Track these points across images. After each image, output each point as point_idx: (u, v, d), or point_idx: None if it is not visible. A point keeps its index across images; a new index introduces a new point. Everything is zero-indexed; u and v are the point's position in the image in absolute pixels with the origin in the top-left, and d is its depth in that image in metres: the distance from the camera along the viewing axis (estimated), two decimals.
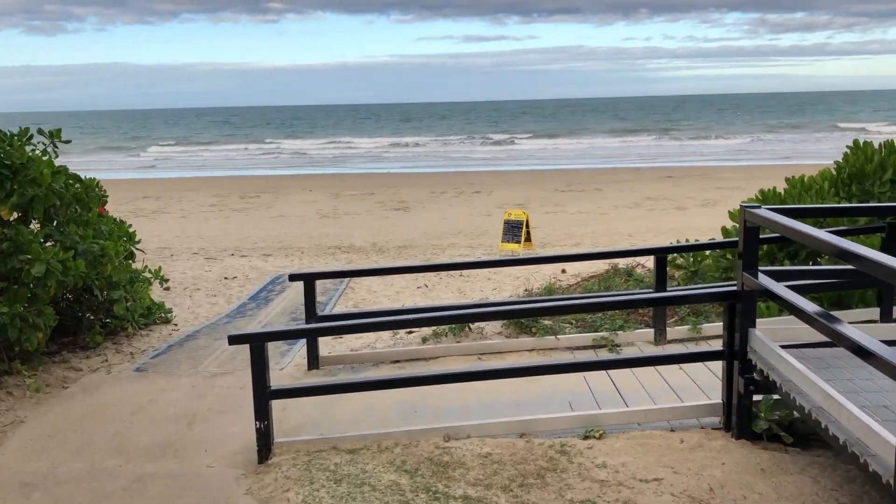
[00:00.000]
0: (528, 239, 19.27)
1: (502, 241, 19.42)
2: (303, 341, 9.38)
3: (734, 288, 5.48)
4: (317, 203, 32.47)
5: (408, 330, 9.52)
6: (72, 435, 6.64)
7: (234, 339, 5.63)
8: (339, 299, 12.45)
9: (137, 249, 9.87)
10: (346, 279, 14.10)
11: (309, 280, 7.57)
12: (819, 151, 56.93)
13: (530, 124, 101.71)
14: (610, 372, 6.93)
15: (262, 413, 5.65)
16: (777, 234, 8.23)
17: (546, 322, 8.13)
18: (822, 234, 4.47)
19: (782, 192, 9.12)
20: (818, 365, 5.05)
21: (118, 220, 10.10)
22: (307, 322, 7.60)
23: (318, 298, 12.49)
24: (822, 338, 5.55)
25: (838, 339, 4.30)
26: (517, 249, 19.18)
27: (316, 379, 7.42)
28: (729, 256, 9.11)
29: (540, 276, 15.40)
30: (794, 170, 39.79)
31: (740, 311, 5.39)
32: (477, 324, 8.50)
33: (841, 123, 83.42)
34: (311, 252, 20.39)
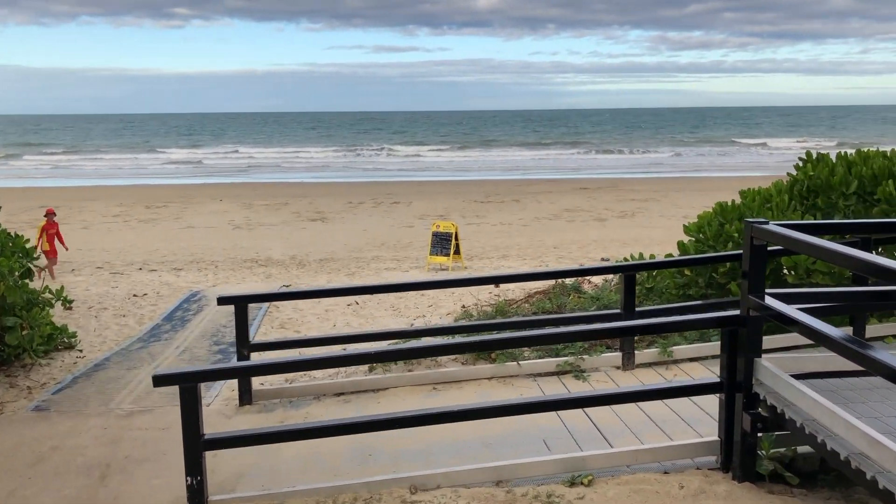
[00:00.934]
0: (457, 252, 18.61)
1: (430, 254, 18.70)
2: None
3: (736, 312, 4.90)
4: (228, 213, 31.04)
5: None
6: None
7: (161, 381, 4.69)
8: (263, 319, 11.47)
9: (35, 266, 8.66)
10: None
11: (241, 304, 6.64)
12: (724, 164, 58.66)
13: (444, 135, 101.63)
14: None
15: (195, 466, 4.72)
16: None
17: None
18: (860, 253, 3.93)
19: (741, 205, 8.71)
20: (834, 399, 4.52)
21: (12, 233, 8.88)
22: (238, 349, 6.68)
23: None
24: (830, 367, 5.05)
25: (875, 368, 3.76)
26: (446, 262, 18.49)
27: (252, 418, 6.47)
28: (687, 272, 8.63)
29: (476, 290, 14.75)
30: (703, 183, 40.72)
31: (745, 338, 4.81)
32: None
33: (738, 139, 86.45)
34: (227, 266, 19.20)
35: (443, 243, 18.52)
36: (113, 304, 13.13)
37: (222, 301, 6.71)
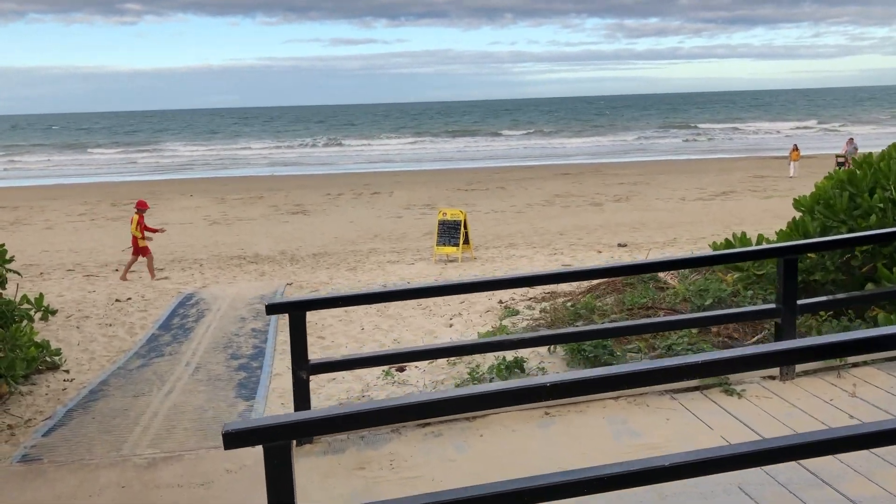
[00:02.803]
0: (466, 241, 17.03)
1: (437, 245, 17.10)
2: (265, 392, 6.78)
3: None
4: (202, 208, 29.10)
5: (396, 367, 7.07)
6: None
7: (237, 439, 3.06)
8: (278, 324, 9.80)
9: (10, 271, 6.87)
10: (279, 293, 11.44)
11: (297, 312, 5.00)
12: (697, 148, 58.00)
13: (407, 126, 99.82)
14: (753, 426, 4.80)
15: None
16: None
17: (615, 352, 5.87)
18: None
19: (874, 172, 7.22)
20: None
21: None
22: (295, 371, 5.03)
23: (245, 323, 9.77)
24: None
25: None
26: (455, 253, 16.89)
27: (321, 463, 4.82)
28: (811, 255, 7.16)
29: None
30: (685, 166, 39.86)
31: None
32: (528, 358, 6.09)
33: (705, 123, 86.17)
34: (212, 264, 17.42)
35: (450, 232, 16.94)
36: (95, 311, 11.36)
37: (273, 309, 5.04)
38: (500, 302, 11.23)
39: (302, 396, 5.14)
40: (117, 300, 12.27)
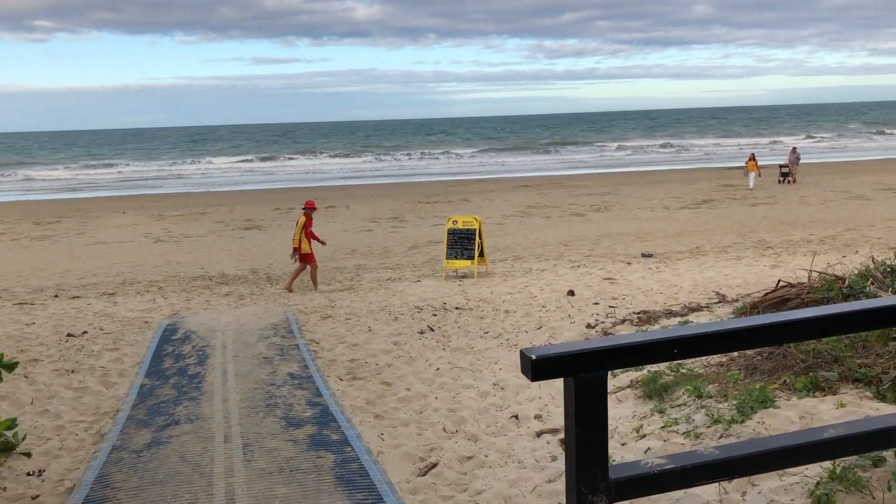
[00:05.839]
0: (481, 254, 14.45)
1: (448, 258, 14.48)
2: (394, 496, 4.07)
3: None
4: (140, 226, 25.73)
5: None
6: None
7: None
8: (317, 364, 7.07)
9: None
10: (299, 336, 8.77)
11: (590, 374, 2.24)
12: (641, 160, 57.09)
13: (340, 144, 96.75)
14: None
15: None
16: None
17: None
18: None
19: None
20: None
21: None
22: (581, 491, 2.45)
23: (274, 365, 6.98)
24: None
25: None
26: (470, 267, 14.29)
27: None
28: None
29: (582, 301, 10.71)
30: (645, 177, 38.21)
31: None
32: None
33: (635, 141, 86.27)
34: (173, 286, 14.40)
35: (463, 243, 14.40)
36: (45, 351, 8.38)
37: (543, 370, 2.19)
38: (589, 326, 8.75)
39: None
40: (70, 335, 9.29)
